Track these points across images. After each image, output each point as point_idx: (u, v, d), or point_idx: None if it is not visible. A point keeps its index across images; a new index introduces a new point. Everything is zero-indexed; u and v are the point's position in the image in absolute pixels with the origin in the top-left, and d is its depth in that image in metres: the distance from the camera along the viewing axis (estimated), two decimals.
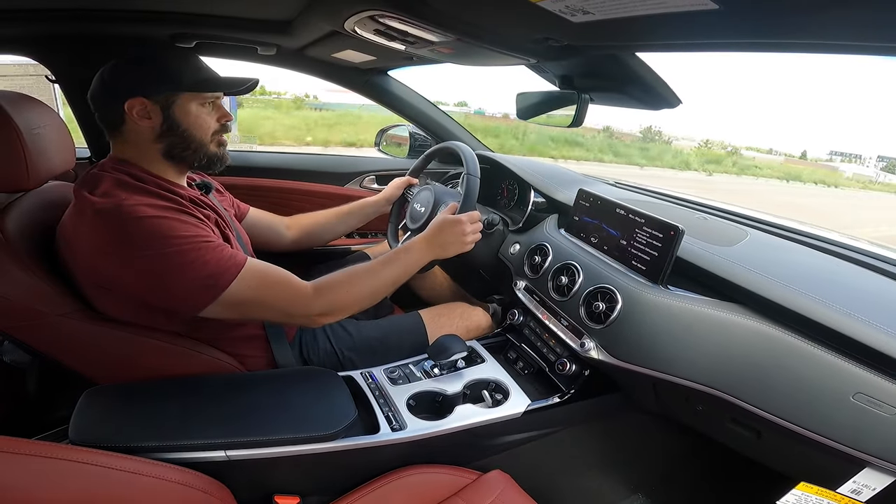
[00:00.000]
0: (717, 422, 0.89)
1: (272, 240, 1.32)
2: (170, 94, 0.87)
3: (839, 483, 0.70)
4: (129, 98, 0.84)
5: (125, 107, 0.85)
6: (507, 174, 1.52)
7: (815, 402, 0.70)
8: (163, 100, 0.87)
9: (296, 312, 0.89)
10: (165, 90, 0.86)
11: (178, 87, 0.87)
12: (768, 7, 0.56)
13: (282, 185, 1.76)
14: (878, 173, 40.73)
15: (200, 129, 0.92)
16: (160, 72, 0.87)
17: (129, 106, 0.85)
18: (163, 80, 0.86)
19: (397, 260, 1.01)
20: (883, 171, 42.82)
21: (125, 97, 0.84)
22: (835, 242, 1.06)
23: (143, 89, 0.85)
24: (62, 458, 0.59)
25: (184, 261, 0.78)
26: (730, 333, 0.82)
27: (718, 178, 21.21)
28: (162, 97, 0.86)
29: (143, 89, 0.85)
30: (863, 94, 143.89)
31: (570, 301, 1.04)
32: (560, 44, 0.93)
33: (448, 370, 1.06)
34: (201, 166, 0.95)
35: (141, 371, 0.87)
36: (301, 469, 0.85)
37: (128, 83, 0.85)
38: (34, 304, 0.78)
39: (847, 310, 0.73)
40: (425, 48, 1.08)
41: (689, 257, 0.94)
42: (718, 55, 2.84)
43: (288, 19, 1.18)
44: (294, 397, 0.88)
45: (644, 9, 0.62)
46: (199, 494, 0.67)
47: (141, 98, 0.85)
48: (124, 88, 0.85)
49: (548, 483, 1.11)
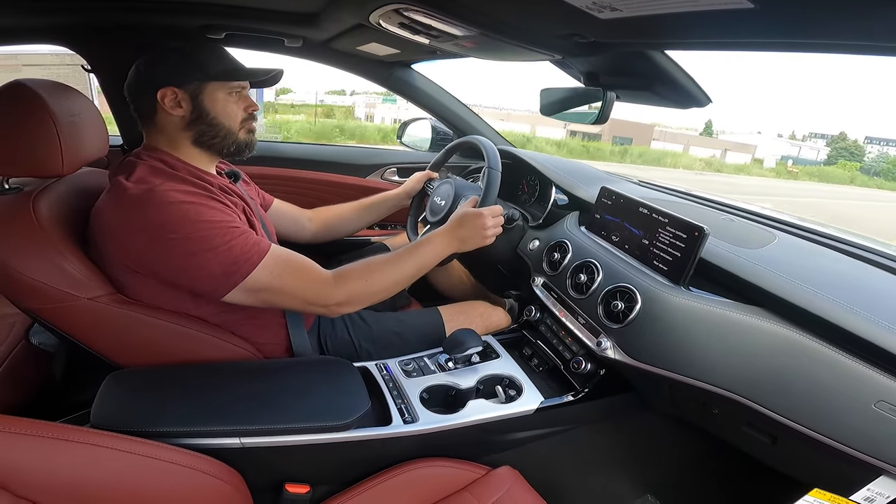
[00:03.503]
0: (732, 425, 0.88)
1: (294, 231, 1.34)
2: (198, 84, 0.90)
3: (853, 490, 0.69)
4: (161, 88, 0.88)
5: (157, 96, 0.88)
6: (528, 170, 1.51)
7: (835, 409, 0.69)
8: (192, 89, 0.90)
9: (316, 301, 0.91)
10: (194, 79, 0.90)
11: (206, 76, 0.90)
12: (805, 7, 0.54)
13: (305, 176, 1.79)
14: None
15: (228, 116, 0.95)
16: (189, 62, 0.90)
17: (160, 95, 0.88)
18: (192, 69, 0.90)
19: (417, 252, 1.01)
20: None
21: (157, 87, 0.88)
22: (866, 248, 1.03)
23: (173, 79, 0.89)
24: (83, 441, 0.61)
25: (211, 245, 0.81)
26: (751, 337, 0.80)
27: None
28: (191, 86, 0.90)
29: (173, 79, 0.89)
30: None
31: (588, 299, 1.03)
32: (586, 40, 0.91)
33: (462, 364, 1.06)
34: (230, 153, 0.98)
35: (163, 356, 0.90)
36: (313, 458, 0.87)
37: (159, 74, 0.89)
38: (66, 287, 0.81)
39: (873, 316, 0.71)
40: (449, 42, 1.08)
41: (713, 259, 0.92)
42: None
43: (314, 11, 1.19)
44: (309, 386, 0.89)
45: (675, 6, 0.61)
46: (212, 480, 0.69)
47: (172, 87, 0.89)
48: (156, 79, 0.89)
49: (557, 481, 1.10)
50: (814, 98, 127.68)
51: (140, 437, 0.67)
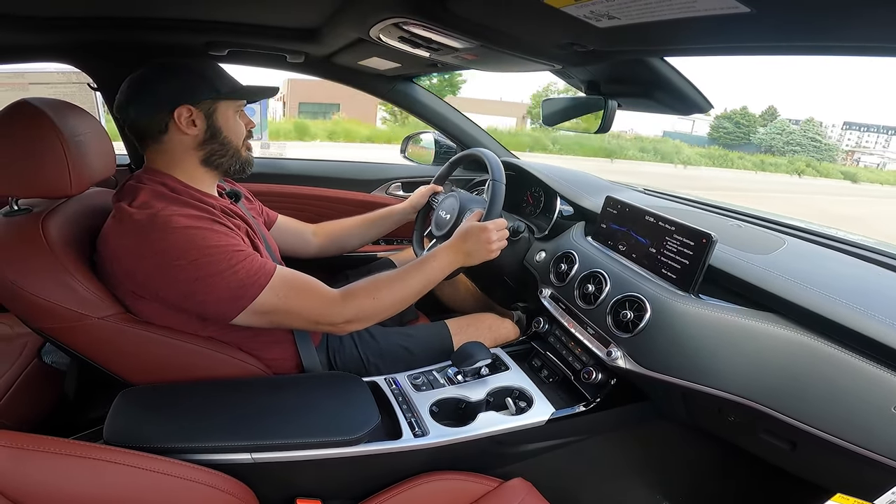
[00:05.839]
0: (748, 432, 0.87)
1: (299, 246, 1.34)
2: (211, 102, 0.90)
3: (877, 495, 0.67)
4: (178, 105, 0.87)
5: (174, 115, 0.87)
6: (532, 181, 1.51)
7: (854, 413, 0.68)
8: (206, 107, 0.90)
9: (323, 320, 0.90)
10: (207, 97, 0.89)
11: (218, 94, 0.90)
12: (802, 9, 0.55)
13: (308, 192, 1.79)
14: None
15: (236, 135, 0.95)
16: (201, 80, 0.89)
17: (177, 114, 0.87)
18: (204, 87, 0.89)
19: (423, 268, 1.01)
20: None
21: (174, 105, 0.86)
22: (876, 250, 1.02)
23: (190, 97, 0.87)
24: (96, 457, 0.61)
25: (217, 269, 0.81)
26: (765, 343, 0.79)
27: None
28: (205, 104, 0.89)
29: (190, 97, 0.87)
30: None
31: (596, 309, 1.02)
32: (586, 49, 0.92)
33: (472, 377, 1.05)
34: (234, 171, 0.97)
35: (174, 373, 0.90)
36: (324, 473, 0.86)
37: (171, 92, 0.87)
38: (76, 307, 0.81)
39: (889, 319, 0.71)
40: (449, 55, 1.09)
41: (722, 266, 0.92)
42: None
43: (315, 27, 1.20)
44: (319, 401, 0.89)
45: (671, 13, 0.61)
46: (223, 496, 0.69)
47: (188, 105, 0.87)
48: (170, 97, 0.87)
49: (570, 491, 1.09)
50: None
51: (152, 453, 0.67)
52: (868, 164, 40.94)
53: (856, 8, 0.51)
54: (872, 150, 45.66)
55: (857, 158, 43.45)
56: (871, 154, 44.57)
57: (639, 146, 24.32)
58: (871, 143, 46.83)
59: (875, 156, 44.17)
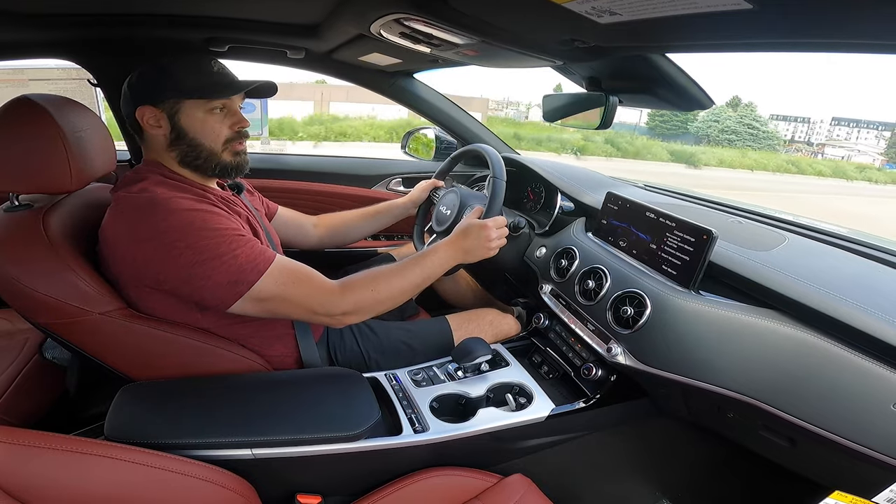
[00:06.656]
0: (747, 429, 0.87)
1: (300, 238, 1.35)
2: (174, 101, 0.87)
3: (875, 492, 0.68)
4: (139, 106, 0.87)
5: (136, 115, 0.87)
6: (533, 177, 1.51)
7: (853, 411, 0.68)
8: (168, 107, 0.87)
9: (321, 310, 0.90)
10: (169, 97, 0.87)
11: (180, 93, 0.87)
12: (803, 6, 0.54)
13: (309, 187, 1.79)
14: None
15: (208, 136, 0.91)
16: (163, 79, 0.87)
17: (139, 114, 0.87)
18: (165, 87, 0.87)
19: (423, 263, 1.01)
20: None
21: (136, 105, 0.87)
22: (878, 247, 1.02)
23: (150, 97, 0.87)
24: (97, 454, 0.61)
25: (216, 252, 0.80)
26: (765, 340, 0.79)
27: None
28: (167, 104, 0.87)
29: (150, 97, 0.87)
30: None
31: (597, 305, 1.02)
32: (587, 45, 0.91)
33: (472, 373, 1.06)
34: (215, 175, 0.95)
35: (175, 368, 0.90)
36: (324, 468, 0.86)
37: (137, 91, 0.88)
38: (77, 302, 0.81)
39: (888, 317, 0.71)
40: (450, 51, 1.08)
41: (722, 262, 0.92)
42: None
43: (316, 23, 1.20)
44: (319, 397, 0.89)
45: (673, 9, 0.61)
46: (224, 492, 0.69)
47: (150, 106, 0.87)
48: (136, 97, 0.87)
49: (569, 487, 1.09)
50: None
51: (153, 449, 0.67)
52: (833, 156, 40.20)
53: (857, 4, 0.51)
54: (842, 143, 45.45)
55: (822, 151, 43.11)
56: (841, 147, 44.29)
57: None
58: (843, 136, 46.64)
59: (843, 149, 43.89)
